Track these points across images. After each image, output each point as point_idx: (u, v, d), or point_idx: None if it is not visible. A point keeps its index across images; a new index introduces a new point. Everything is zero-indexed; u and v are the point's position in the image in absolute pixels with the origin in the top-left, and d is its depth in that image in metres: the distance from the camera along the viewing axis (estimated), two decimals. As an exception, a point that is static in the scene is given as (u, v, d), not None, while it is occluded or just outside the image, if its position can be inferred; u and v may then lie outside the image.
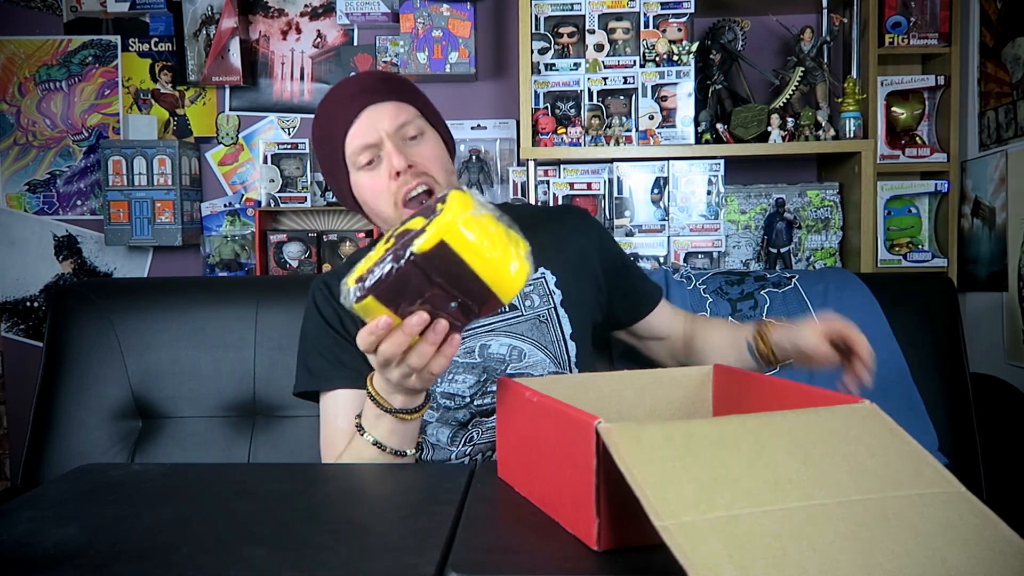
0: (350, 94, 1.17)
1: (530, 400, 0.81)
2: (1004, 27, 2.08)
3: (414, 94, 1.21)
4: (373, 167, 1.16)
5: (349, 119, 1.16)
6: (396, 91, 1.18)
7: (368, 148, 1.15)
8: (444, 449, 1.23)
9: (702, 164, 2.24)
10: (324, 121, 1.20)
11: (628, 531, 0.67)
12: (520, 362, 1.21)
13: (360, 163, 1.16)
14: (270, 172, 2.55)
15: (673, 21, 2.26)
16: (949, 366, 1.69)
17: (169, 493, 0.92)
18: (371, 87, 1.17)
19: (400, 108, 1.17)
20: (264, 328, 1.67)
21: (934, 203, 2.38)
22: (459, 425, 1.22)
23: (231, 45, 2.54)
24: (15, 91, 2.66)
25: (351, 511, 0.82)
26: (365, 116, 1.15)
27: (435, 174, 1.16)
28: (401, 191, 1.14)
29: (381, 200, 1.16)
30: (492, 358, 1.20)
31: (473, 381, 1.21)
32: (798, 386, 0.83)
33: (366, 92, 1.17)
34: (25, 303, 2.68)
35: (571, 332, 1.23)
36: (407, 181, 1.14)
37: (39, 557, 0.71)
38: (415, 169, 1.15)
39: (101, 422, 1.64)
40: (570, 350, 1.23)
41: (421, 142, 1.17)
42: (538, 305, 1.23)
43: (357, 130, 1.15)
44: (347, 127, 1.16)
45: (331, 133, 1.18)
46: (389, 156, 1.14)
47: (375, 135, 1.15)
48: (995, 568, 0.58)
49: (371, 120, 1.15)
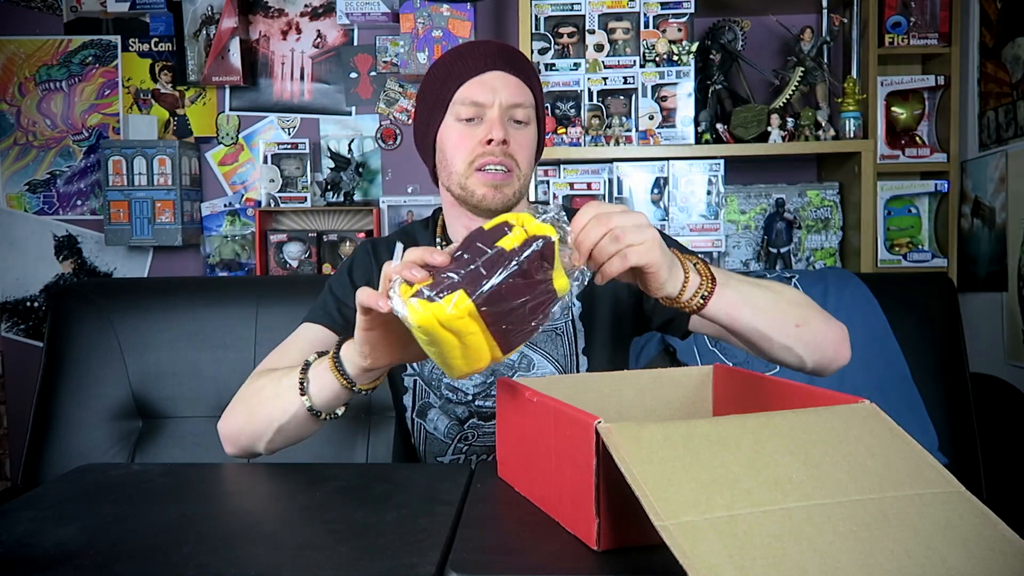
0: (488, 52, 1.17)
1: (530, 400, 0.81)
2: (1004, 27, 2.08)
3: (536, 85, 1.21)
4: (472, 124, 1.16)
5: (476, 70, 1.16)
6: (527, 74, 1.19)
7: (476, 105, 1.15)
8: (440, 442, 1.24)
9: (702, 164, 2.24)
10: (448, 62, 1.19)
11: (628, 531, 0.67)
12: (528, 371, 1.21)
13: (461, 114, 1.16)
14: (270, 172, 2.55)
15: (673, 21, 2.26)
16: (949, 366, 1.69)
17: (169, 493, 0.92)
18: (509, 58, 1.18)
19: (522, 89, 1.17)
20: (264, 328, 1.67)
21: (934, 203, 2.38)
22: (457, 420, 1.23)
23: (231, 45, 2.54)
24: (15, 91, 2.66)
25: (351, 511, 0.82)
26: (490, 76, 1.15)
27: (520, 161, 1.16)
28: (483, 158, 1.14)
29: (460, 153, 1.16)
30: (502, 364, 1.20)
31: (479, 381, 1.21)
32: (798, 386, 0.83)
33: (503, 58, 1.17)
34: (25, 303, 2.68)
35: (584, 347, 1.23)
36: (494, 153, 1.14)
37: (39, 557, 0.71)
38: (507, 148, 1.14)
39: (101, 422, 1.64)
40: (581, 364, 1.22)
41: (522, 129, 1.18)
42: (557, 317, 1.22)
43: (476, 85, 1.15)
44: (469, 76, 1.16)
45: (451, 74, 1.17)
46: (492, 123, 1.14)
47: (490, 98, 1.15)
48: (995, 568, 0.58)
49: (494, 83, 1.15)
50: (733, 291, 0.95)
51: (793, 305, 1.02)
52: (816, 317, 1.04)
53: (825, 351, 1.04)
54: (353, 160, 2.55)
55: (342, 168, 2.53)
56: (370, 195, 2.63)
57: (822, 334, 1.03)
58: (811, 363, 1.04)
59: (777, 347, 1.01)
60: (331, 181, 2.53)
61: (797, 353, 1.02)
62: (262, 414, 1.05)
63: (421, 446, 1.26)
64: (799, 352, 1.02)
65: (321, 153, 2.61)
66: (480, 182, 1.14)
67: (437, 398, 1.23)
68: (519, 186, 1.17)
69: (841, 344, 1.06)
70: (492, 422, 1.21)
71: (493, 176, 1.14)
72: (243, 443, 1.09)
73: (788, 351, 1.01)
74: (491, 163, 1.14)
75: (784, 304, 1.01)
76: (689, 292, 0.92)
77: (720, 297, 0.93)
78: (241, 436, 1.09)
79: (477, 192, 1.14)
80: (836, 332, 1.06)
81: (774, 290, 1.02)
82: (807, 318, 1.02)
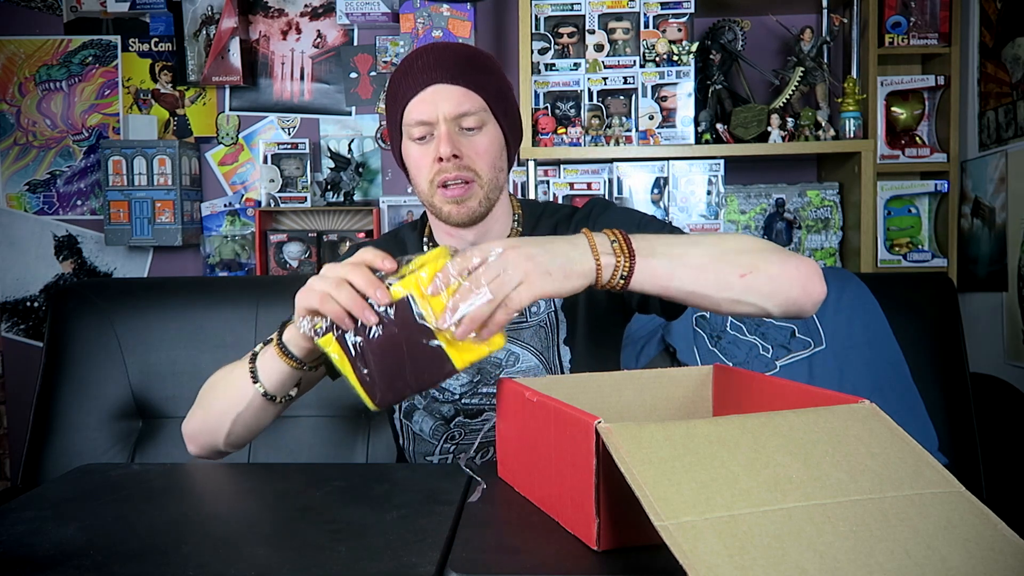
0: (427, 65, 1.16)
1: (530, 400, 0.81)
2: (1004, 27, 2.08)
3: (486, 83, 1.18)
4: (424, 142, 1.16)
5: (416, 87, 1.15)
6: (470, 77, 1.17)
7: (423, 124, 1.15)
8: (427, 442, 1.24)
9: (702, 164, 2.24)
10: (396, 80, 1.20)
11: (628, 531, 0.67)
12: (514, 367, 1.22)
13: (413, 135, 1.17)
14: (270, 172, 2.55)
15: (673, 21, 2.26)
16: (949, 366, 1.69)
17: (169, 493, 0.93)
18: (448, 64, 1.16)
19: (467, 96, 1.15)
20: (264, 328, 1.67)
21: (934, 203, 2.38)
22: (443, 419, 1.23)
23: (231, 45, 2.54)
24: (15, 91, 2.66)
25: (351, 511, 0.82)
26: (430, 92, 1.15)
27: (479, 169, 1.16)
28: (441, 175, 1.15)
29: (421, 174, 1.17)
30: (489, 361, 1.21)
31: (466, 380, 1.22)
32: (798, 386, 0.83)
33: (440, 68, 1.16)
34: (25, 303, 2.68)
35: (565, 337, 1.23)
36: (448, 169, 1.14)
37: (39, 557, 0.71)
38: (460, 161, 1.14)
39: (101, 422, 1.64)
40: (563, 355, 1.22)
41: (477, 135, 1.17)
42: (542, 311, 1.23)
43: (418, 104, 1.15)
44: (411, 95, 1.16)
45: (397, 95, 1.18)
46: (439, 140, 1.14)
47: (433, 114, 1.14)
48: (995, 568, 0.58)
49: (434, 98, 1.14)
50: (660, 259, 0.93)
51: (738, 254, 0.97)
52: (769, 260, 0.98)
53: (788, 293, 0.98)
54: (353, 160, 2.55)
55: (342, 168, 2.53)
56: (370, 195, 2.63)
57: (778, 276, 0.97)
58: (775, 309, 0.98)
59: (724, 302, 0.96)
60: (331, 181, 2.53)
61: (751, 303, 0.96)
62: (218, 408, 1.10)
63: (409, 447, 1.27)
64: (752, 301, 0.96)
65: (321, 153, 2.61)
66: (443, 200, 1.16)
67: (422, 398, 1.24)
68: (484, 193, 1.16)
69: (808, 280, 0.99)
70: (479, 419, 1.22)
71: (453, 192, 1.15)
72: (203, 441, 1.14)
73: (738, 303, 0.96)
74: (449, 179, 1.14)
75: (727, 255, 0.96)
76: (606, 276, 0.90)
77: (643, 271, 0.91)
78: (201, 434, 1.13)
79: (444, 209, 1.16)
80: (799, 270, 0.99)
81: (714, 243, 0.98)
82: (754, 264, 0.96)
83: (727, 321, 1.76)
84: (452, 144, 1.13)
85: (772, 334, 1.73)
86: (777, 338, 1.73)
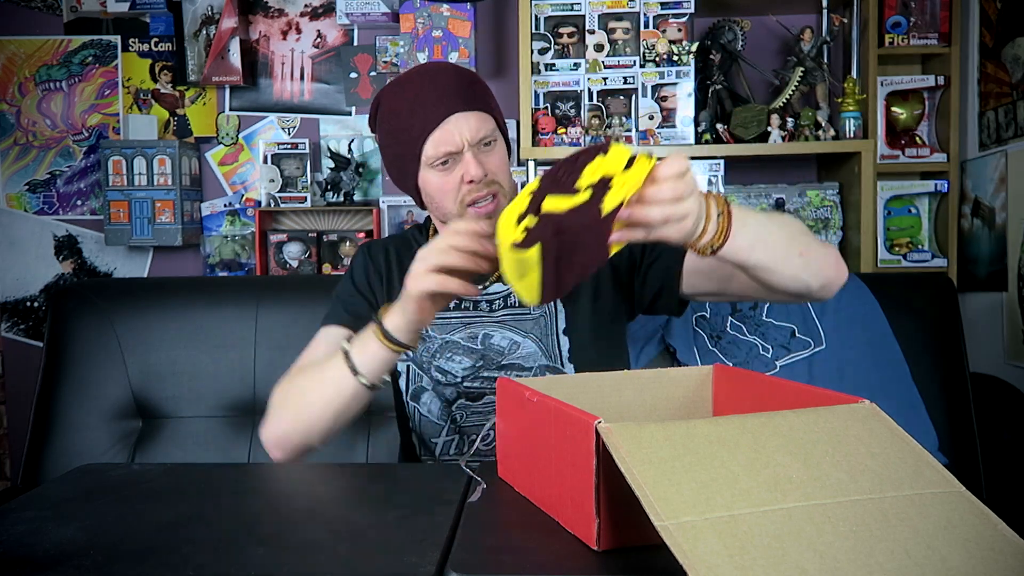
0: (436, 96, 1.20)
1: (530, 400, 0.81)
2: (1004, 27, 2.08)
3: (492, 103, 1.25)
4: (447, 168, 1.20)
5: (435, 121, 1.19)
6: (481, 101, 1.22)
7: (448, 154, 1.19)
8: (434, 424, 1.28)
9: (702, 164, 2.24)
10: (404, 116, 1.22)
11: (628, 531, 0.67)
12: (515, 353, 1.27)
13: (436, 164, 1.20)
14: (270, 172, 2.55)
15: (673, 21, 2.26)
16: (949, 366, 1.69)
17: (169, 493, 0.93)
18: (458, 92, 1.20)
19: (483, 120, 1.21)
20: (264, 328, 1.67)
21: (934, 203, 2.38)
22: (446, 401, 1.28)
23: (231, 45, 2.54)
24: (15, 91, 2.66)
25: (351, 511, 0.82)
26: (452, 123, 1.19)
27: (502, 181, 1.22)
28: (470, 195, 1.20)
29: (447, 197, 1.21)
30: (492, 348, 1.27)
31: (469, 364, 1.26)
32: (798, 386, 0.83)
33: (453, 96, 1.20)
34: (25, 303, 2.68)
35: (564, 327, 1.27)
36: (478, 188, 1.19)
37: (39, 557, 0.71)
38: (488, 178, 1.20)
39: (101, 422, 1.64)
40: (563, 344, 1.26)
41: (494, 150, 1.22)
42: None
43: (441, 135, 1.19)
44: (431, 129, 1.19)
45: (411, 128, 1.20)
46: (467, 164, 1.18)
47: (458, 144, 1.18)
48: (995, 568, 0.58)
49: (457, 128, 1.19)
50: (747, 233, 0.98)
51: (798, 234, 1.08)
52: (815, 242, 1.10)
53: (828, 272, 1.10)
54: (353, 160, 2.55)
55: (342, 168, 2.53)
56: (370, 195, 2.63)
57: (823, 256, 1.09)
58: (816, 286, 1.09)
59: (787, 278, 1.04)
60: (331, 181, 2.53)
61: (804, 280, 1.06)
62: (315, 406, 1.13)
63: (417, 428, 1.30)
64: (805, 279, 1.06)
65: (321, 153, 2.61)
66: (475, 217, 1.19)
67: (429, 380, 1.28)
68: (508, 200, 1.21)
69: (838, 263, 1.12)
70: (480, 402, 1.26)
71: (484, 208, 1.20)
72: (295, 442, 1.16)
73: (795, 280, 1.06)
74: (479, 198, 1.20)
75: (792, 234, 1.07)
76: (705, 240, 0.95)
77: (732, 243, 0.96)
78: (292, 436, 1.16)
79: None
80: (833, 253, 1.12)
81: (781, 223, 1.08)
82: (808, 244, 1.08)
83: (727, 321, 1.76)
84: (480, 165, 1.19)
85: (772, 334, 1.73)
86: (777, 338, 1.73)
